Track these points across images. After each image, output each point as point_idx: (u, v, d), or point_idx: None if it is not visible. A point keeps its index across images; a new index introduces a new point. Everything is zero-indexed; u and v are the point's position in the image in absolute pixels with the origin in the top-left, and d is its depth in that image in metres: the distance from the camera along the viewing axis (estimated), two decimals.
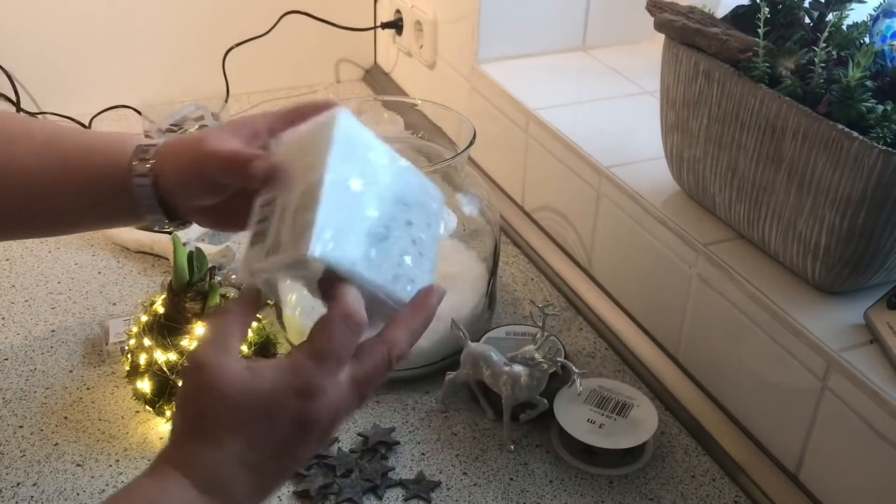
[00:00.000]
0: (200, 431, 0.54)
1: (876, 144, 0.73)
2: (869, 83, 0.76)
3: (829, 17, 0.85)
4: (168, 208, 0.67)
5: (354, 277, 0.56)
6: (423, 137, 1.07)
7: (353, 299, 0.56)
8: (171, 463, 0.54)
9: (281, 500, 0.84)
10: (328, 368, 0.55)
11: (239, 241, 1.21)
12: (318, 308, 0.99)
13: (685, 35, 0.89)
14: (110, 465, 0.87)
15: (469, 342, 0.91)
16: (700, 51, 0.88)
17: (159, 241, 1.16)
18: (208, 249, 1.11)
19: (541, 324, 0.88)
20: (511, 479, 0.87)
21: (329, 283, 0.56)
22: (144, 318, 0.90)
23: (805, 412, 0.81)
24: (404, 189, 0.61)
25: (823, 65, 0.79)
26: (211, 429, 0.54)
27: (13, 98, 1.45)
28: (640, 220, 1.00)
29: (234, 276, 1.10)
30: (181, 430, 0.55)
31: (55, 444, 0.89)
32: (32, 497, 0.83)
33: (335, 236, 0.55)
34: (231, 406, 0.53)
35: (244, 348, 0.89)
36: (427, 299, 0.60)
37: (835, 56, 0.82)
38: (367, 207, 0.58)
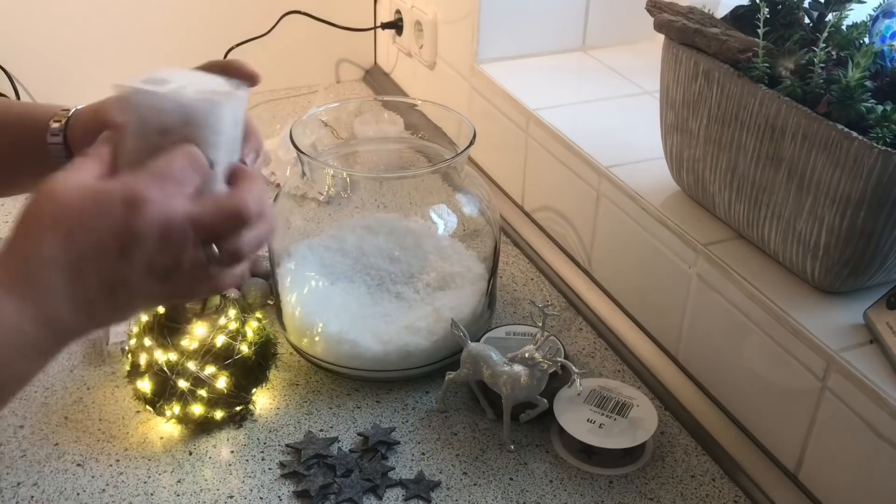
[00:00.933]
0: (23, 233, 0.53)
1: (875, 145, 0.73)
2: (868, 83, 0.76)
3: (829, 17, 0.85)
4: None
5: None
6: (423, 137, 1.07)
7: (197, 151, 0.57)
8: None
9: (281, 499, 0.84)
10: (161, 186, 0.54)
11: None
12: (321, 307, 0.99)
13: (685, 35, 0.89)
14: (110, 465, 0.87)
15: (469, 342, 0.91)
16: (700, 51, 0.88)
17: None
18: None
19: (541, 324, 0.88)
20: (511, 479, 0.87)
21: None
22: (145, 318, 0.90)
23: (805, 412, 0.81)
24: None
25: (823, 65, 0.79)
26: (32, 229, 0.53)
27: (13, 98, 1.45)
28: (640, 220, 1.00)
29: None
30: (8, 238, 0.54)
31: (55, 444, 0.89)
32: (33, 497, 0.83)
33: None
34: (56, 206, 0.53)
35: (245, 348, 0.90)
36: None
37: (834, 56, 0.82)
38: None
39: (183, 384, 0.87)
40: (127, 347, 0.92)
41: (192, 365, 0.87)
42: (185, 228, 0.55)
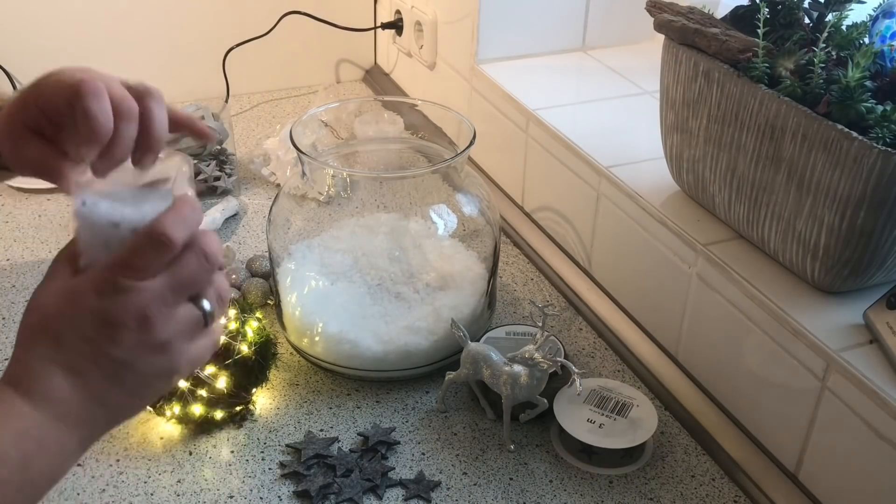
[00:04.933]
0: (21, 345, 0.56)
1: (875, 145, 0.73)
2: (868, 83, 0.76)
3: (829, 17, 0.85)
4: None
5: None
6: (423, 137, 1.07)
7: (160, 221, 0.57)
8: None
9: (281, 499, 0.84)
10: (132, 272, 0.55)
11: (239, 242, 1.21)
12: (321, 307, 0.99)
13: (685, 35, 0.89)
14: (110, 465, 0.87)
15: (469, 342, 0.91)
16: (700, 51, 0.88)
17: None
18: None
19: (541, 324, 0.88)
20: (511, 479, 0.87)
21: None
22: None
23: (805, 412, 0.81)
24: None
25: (823, 65, 0.79)
26: (27, 340, 0.56)
27: None
28: (640, 220, 1.00)
29: (234, 276, 1.10)
30: (13, 352, 0.56)
31: None
32: None
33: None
34: (39, 315, 0.56)
35: (245, 348, 0.90)
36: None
37: (834, 56, 0.82)
38: None
39: (183, 384, 0.87)
40: None
41: None
42: (163, 294, 0.55)
